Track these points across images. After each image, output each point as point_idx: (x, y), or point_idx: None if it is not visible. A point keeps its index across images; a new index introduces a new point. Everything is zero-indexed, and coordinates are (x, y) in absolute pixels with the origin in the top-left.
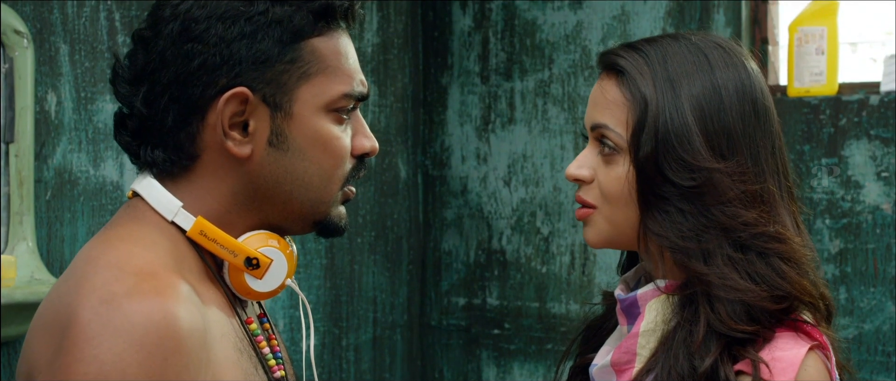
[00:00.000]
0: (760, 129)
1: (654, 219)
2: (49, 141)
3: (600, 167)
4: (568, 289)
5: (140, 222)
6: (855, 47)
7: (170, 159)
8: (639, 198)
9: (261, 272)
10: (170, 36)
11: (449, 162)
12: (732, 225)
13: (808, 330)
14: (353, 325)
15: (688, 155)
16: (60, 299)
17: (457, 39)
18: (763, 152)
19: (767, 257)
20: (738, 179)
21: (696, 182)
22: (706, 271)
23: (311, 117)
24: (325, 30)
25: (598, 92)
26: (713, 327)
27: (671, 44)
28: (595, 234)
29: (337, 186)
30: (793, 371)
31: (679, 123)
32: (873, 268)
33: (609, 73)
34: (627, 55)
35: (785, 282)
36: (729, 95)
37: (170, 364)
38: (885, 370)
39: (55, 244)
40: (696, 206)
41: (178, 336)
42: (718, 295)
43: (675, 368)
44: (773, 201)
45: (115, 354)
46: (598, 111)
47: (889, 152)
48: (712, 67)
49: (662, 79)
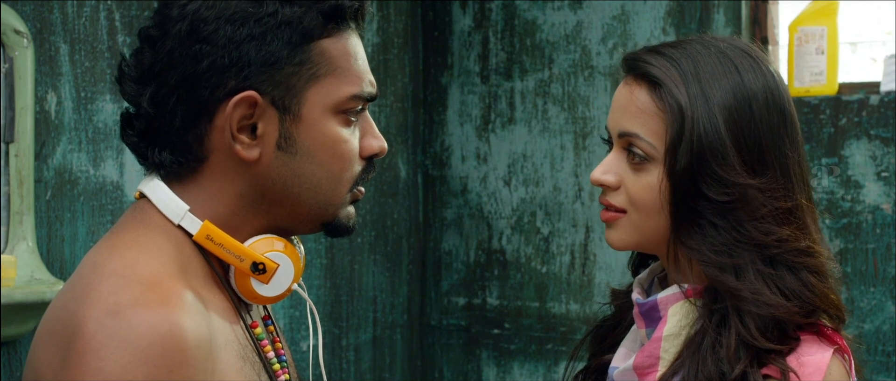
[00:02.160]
0: (788, 138)
1: (687, 232)
2: (49, 141)
3: (628, 174)
4: (568, 289)
5: (146, 226)
6: (855, 47)
7: (177, 161)
8: (672, 211)
9: (267, 277)
10: (178, 36)
11: (449, 162)
12: (766, 241)
13: (828, 334)
14: (353, 325)
15: (722, 171)
16: (66, 307)
17: (457, 39)
18: (792, 164)
19: (797, 272)
20: (771, 195)
21: (731, 197)
22: (739, 287)
23: (320, 120)
24: (335, 31)
25: (626, 97)
26: (743, 339)
27: (699, 50)
28: (620, 238)
29: (346, 189)
30: (820, 375)
31: (713, 137)
32: (873, 268)
33: (638, 78)
34: (658, 62)
35: (814, 296)
36: (758, 105)
37: (175, 376)
38: (886, 370)
39: (55, 244)
40: (729, 221)
41: (184, 348)
42: (750, 310)
43: (702, 371)
44: (803, 214)
45: (120, 366)
46: (628, 119)
47: (889, 152)
48: (741, 74)
49: (695, 89)
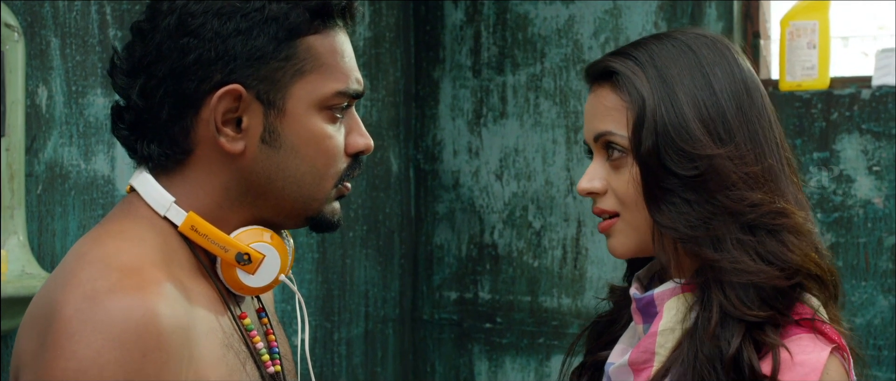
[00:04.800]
0: (754, 106)
1: (661, 212)
2: (40, 135)
3: (611, 175)
4: (560, 283)
5: (132, 217)
6: (846, 42)
7: (164, 154)
8: (645, 193)
9: (253, 268)
10: (166, 29)
11: (441, 156)
12: (739, 208)
13: (824, 331)
14: (344, 319)
15: (687, 145)
16: (48, 294)
17: (449, 33)
18: (760, 130)
19: (777, 234)
20: (739, 162)
21: (699, 170)
22: (717, 258)
23: (304, 115)
24: (322, 28)
25: (594, 102)
26: (727, 312)
27: (656, 43)
28: (620, 244)
29: (330, 185)
30: (816, 375)
31: (676, 115)
32: (864, 262)
33: (600, 82)
34: (616, 60)
35: (794, 255)
36: (718, 81)
37: (149, 361)
38: (877, 363)
39: (46, 238)
40: (700, 194)
41: (159, 333)
42: (730, 281)
43: (702, 352)
44: (776, 177)
45: (93, 350)
46: (599, 120)
47: (880, 146)
48: (699, 57)
49: (654, 76)
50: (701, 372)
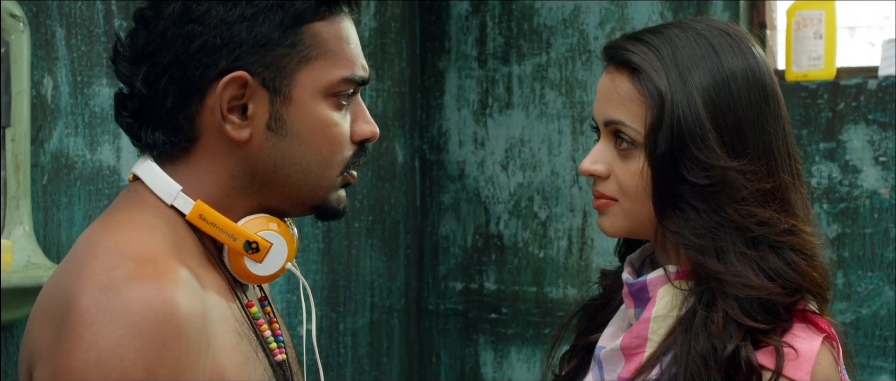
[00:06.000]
0: (770, 115)
1: (669, 217)
2: (45, 125)
3: (617, 162)
4: (565, 273)
5: (139, 205)
6: (853, 32)
7: (169, 142)
8: (654, 195)
9: (261, 256)
10: (171, 16)
11: (446, 146)
12: (747, 224)
13: (815, 321)
14: (350, 309)
15: (702, 154)
16: (60, 285)
17: (454, 23)
18: (775, 141)
19: (781, 251)
20: (752, 176)
21: (711, 180)
22: (721, 270)
23: (310, 102)
24: (327, 14)
25: (609, 86)
26: (732, 318)
27: (677, 34)
28: (612, 224)
29: (336, 172)
30: (809, 365)
31: (692, 121)
32: (871, 253)
33: (618, 67)
34: (636, 49)
35: (797, 275)
36: (737, 85)
37: (169, 349)
38: (883, 354)
39: (52, 229)
40: (710, 204)
41: (177, 321)
42: (733, 293)
43: (695, 348)
44: (787, 192)
45: (113, 340)
46: (612, 107)
47: (887, 137)
48: (719, 55)
49: (674, 73)
50: (693, 367)
